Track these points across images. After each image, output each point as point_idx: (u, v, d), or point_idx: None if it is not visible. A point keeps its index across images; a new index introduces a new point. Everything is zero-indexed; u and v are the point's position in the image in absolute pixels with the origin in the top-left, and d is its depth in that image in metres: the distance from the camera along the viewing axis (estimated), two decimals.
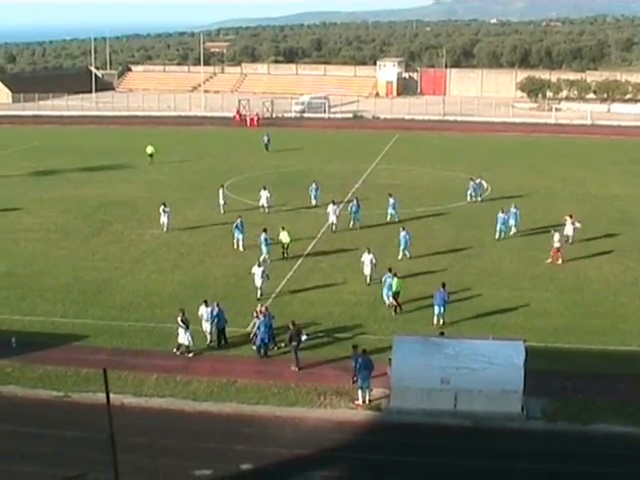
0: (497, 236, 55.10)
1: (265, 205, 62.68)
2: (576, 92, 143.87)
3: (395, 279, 42.17)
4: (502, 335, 35.82)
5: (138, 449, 28.61)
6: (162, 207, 57.36)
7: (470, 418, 30.97)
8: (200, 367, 35.71)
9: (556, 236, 50.90)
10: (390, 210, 59.30)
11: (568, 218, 53.54)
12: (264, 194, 62.72)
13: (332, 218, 57.03)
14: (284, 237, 50.83)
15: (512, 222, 55.93)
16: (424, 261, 50.56)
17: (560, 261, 50.24)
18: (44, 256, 52.06)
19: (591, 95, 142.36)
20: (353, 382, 33.25)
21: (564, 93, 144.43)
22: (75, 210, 64.03)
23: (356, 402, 32.45)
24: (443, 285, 41.22)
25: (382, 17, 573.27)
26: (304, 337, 36.65)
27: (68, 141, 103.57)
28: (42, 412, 31.83)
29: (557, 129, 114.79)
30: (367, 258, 45.86)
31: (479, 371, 30.93)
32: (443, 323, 40.19)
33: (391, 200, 60.01)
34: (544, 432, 30.47)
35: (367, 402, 32.39)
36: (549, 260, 50.56)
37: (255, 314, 37.84)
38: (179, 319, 36.89)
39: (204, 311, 37.82)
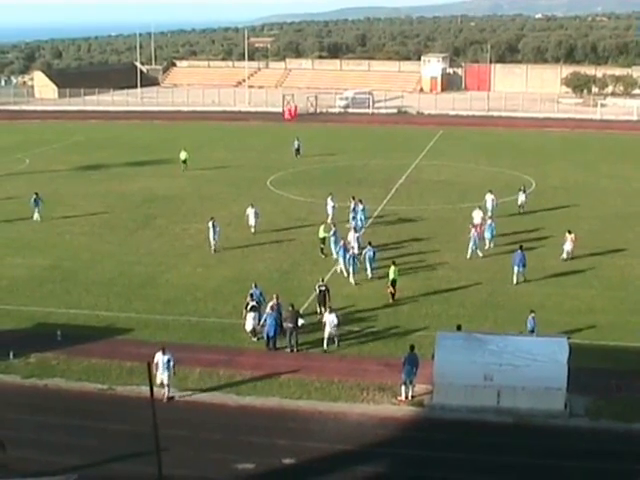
0: (468, 255, 49.83)
1: (253, 224, 55.65)
2: (622, 88, 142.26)
3: (392, 267, 42.99)
4: (546, 332, 35.61)
5: (181, 442, 28.83)
6: (211, 222, 51.65)
7: (513, 415, 30.83)
8: (243, 361, 35.86)
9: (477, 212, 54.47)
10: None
11: (568, 234, 50.41)
12: (251, 212, 55.70)
13: (340, 262, 47.23)
14: (321, 232, 50.75)
15: (487, 235, 51.19)
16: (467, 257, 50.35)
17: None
18: (89, 250, 52.54)
19: (637, 91, 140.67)
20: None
21: (610, 89, 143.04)
22: (120, 204, 64.55)
23: (399, 398, 32.42)
24: (520, 247, 46.11)
25: (426, 12, 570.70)
26: (301, 321, 36.98)
27: (113, 136, 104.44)
28: (86, 404, 32.20)
29: (602, 125, 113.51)
30: (329, 318, 37.19)
31: (522, 368, 30.77)
32: (521, 281, 45.47)
33: (360, 206, 55.44)
34: (587, 430, 30.27)
35: (410, 398, 32.34)
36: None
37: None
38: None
39: (160, 359, 32.39)
